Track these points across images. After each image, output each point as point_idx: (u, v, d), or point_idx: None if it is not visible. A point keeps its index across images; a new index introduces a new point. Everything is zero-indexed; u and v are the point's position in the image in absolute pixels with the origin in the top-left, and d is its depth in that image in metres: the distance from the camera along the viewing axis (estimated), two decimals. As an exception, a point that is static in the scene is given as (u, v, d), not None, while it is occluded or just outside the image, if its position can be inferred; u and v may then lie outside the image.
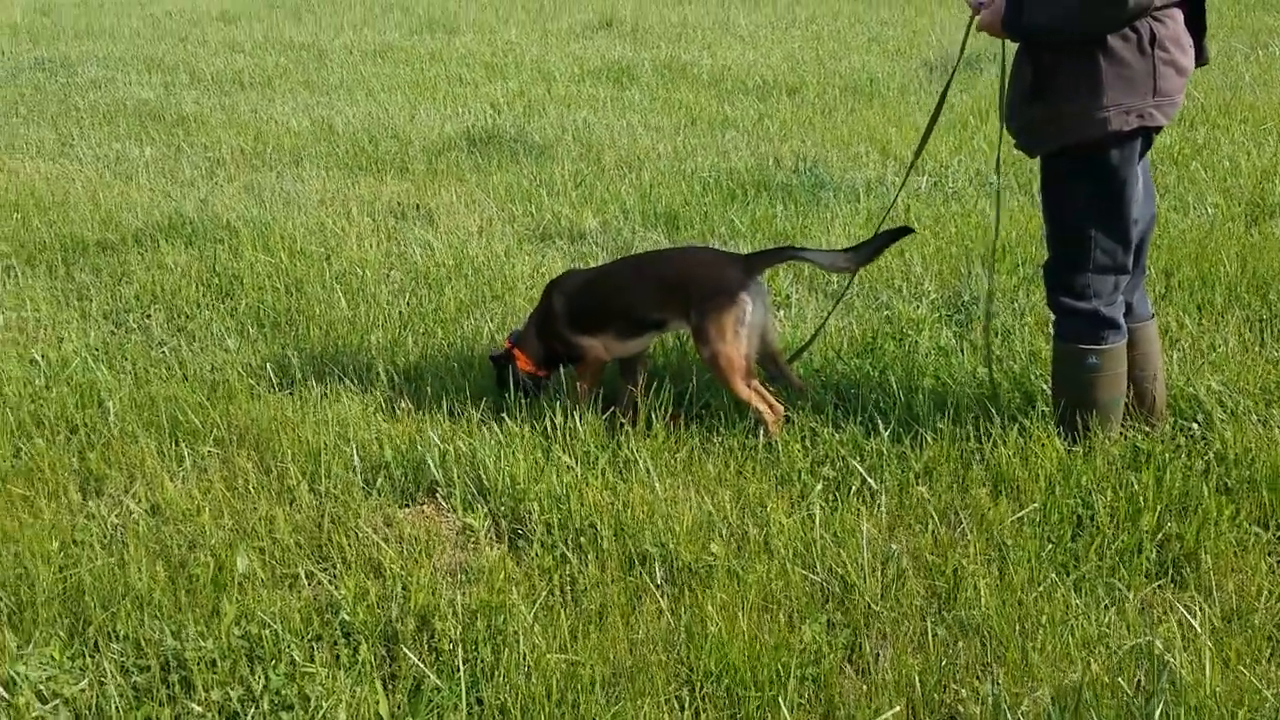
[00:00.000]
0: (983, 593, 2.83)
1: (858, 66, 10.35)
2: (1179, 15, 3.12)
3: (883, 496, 3.27)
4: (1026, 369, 3.91)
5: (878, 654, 2.70)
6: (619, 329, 3.86)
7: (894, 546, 3.04)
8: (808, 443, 3.58)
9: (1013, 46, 3.34)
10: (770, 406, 3.65)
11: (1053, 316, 3.45)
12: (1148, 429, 3.50)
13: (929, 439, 3.49)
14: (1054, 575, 2.90)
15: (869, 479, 3.35)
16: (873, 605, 2.83)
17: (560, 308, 3.93)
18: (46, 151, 8.45)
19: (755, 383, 3.66)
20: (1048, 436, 3.41)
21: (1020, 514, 3.13)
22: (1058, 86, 3.14)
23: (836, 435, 3.56)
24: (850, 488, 3.34)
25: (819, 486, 3.32)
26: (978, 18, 3.30)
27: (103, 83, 11.17)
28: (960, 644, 2.69)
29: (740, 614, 2.79)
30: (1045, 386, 3.72)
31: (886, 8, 14.62)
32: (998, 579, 2.90)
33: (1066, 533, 3.08)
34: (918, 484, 3.32)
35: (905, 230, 3.84)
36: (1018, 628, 2.72)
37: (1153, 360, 3.53)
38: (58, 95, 10.61)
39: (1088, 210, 3.25)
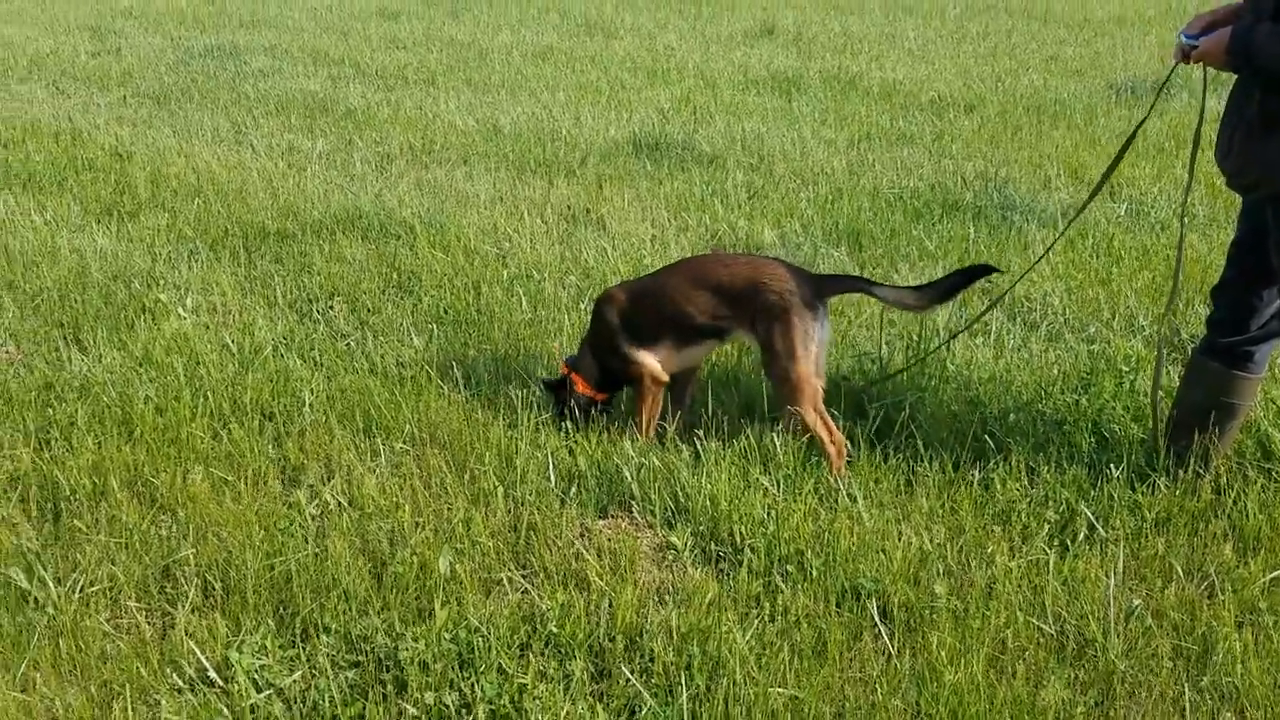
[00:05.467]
0: (1239, 657, 2.61)
1: (1038, 85, 9.98)
2: None
3: (1119, 547, 3.05)
4: (1258, 419, 3.63)
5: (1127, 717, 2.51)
6: (676, 337, 3.72)
7: (1136, 601, 2.83)
8: (1026, 480, 3.38)
9: (1219, 77, 3.08)
10: (834, 439, 3.49)
11: None
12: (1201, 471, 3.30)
13: (1162, 486, 3.26)
14: (1317, 645, 2.67)
15: (1098, 526, 3.14)
16: (1117, 663, 2.63)
17: (614, 319, 3.82)
18: (222, 139, 8.66)
19: (821, 406, 3.51)
20: (1298, 493, 3.15)
21: (1275, 574, 2.89)
22: None
23: (1059, 476, 3.36)
24: (1077, 534, 3.14)
25: (1045, 530, 3.13)
26: (1199, 45, 3.05)
27: (270, 73, 11.47)
28: (1222, 714, 2.48)
29: (972, 662, 2.62)
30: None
31: (1062, 26, 14.12)
32: (1253, 643, 2.68)
33: (1327, 599, 2.83)
34: (1155, 535, 3.09)
35: (986, 269, 3.60)
36: (1282, 700, 2.51)
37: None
38: (228, 83, 10.91)
39: None
